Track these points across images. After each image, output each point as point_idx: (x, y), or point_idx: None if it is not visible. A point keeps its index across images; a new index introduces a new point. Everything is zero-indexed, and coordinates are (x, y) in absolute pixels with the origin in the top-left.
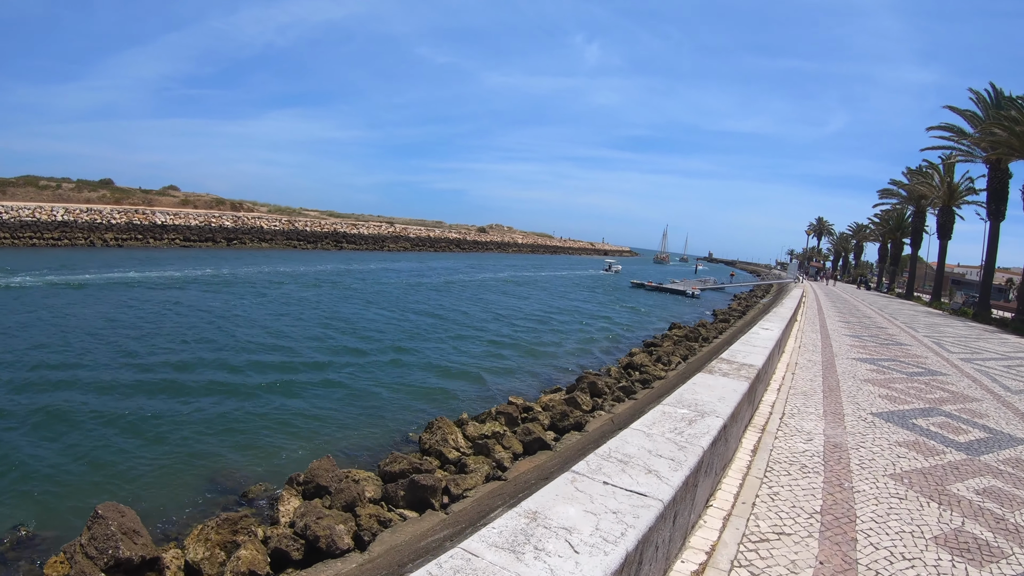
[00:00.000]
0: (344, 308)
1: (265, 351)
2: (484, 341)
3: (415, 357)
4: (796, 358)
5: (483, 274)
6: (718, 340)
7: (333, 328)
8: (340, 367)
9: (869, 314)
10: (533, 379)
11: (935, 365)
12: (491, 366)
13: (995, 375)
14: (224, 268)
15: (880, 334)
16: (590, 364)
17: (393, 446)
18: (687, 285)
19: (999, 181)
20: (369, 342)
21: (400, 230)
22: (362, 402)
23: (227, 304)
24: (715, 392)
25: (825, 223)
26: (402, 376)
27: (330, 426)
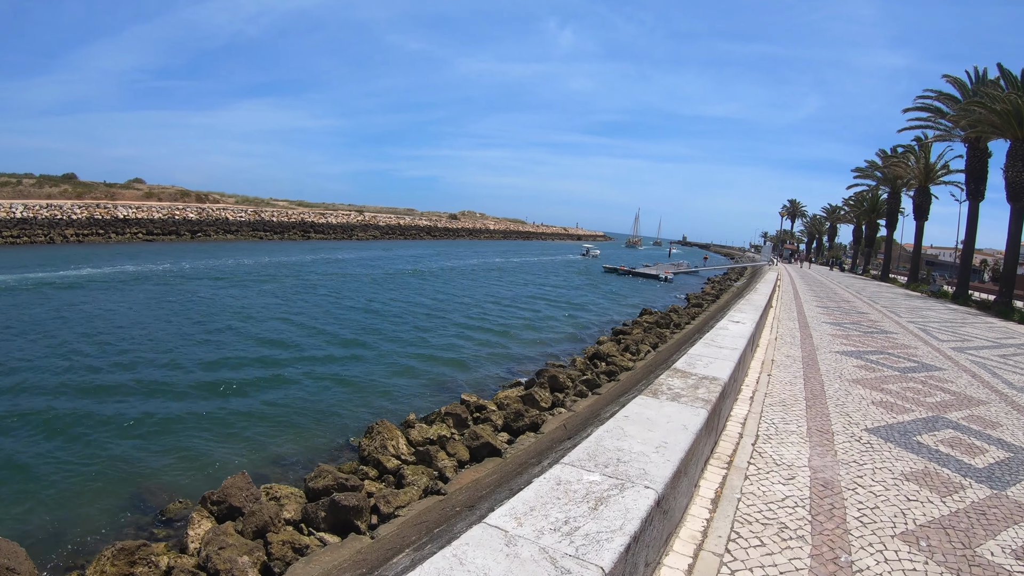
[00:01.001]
0: (301, 301)
1: (210, 348)
2: (446, 332)
3: (371, 351)
4: (772, 354)
5: (451, 261)
6: (689, 327)
7: (287, 322)
8: (290, 364)
9: (847, 297)
10: (494, 372)
11: (927, 357)
12: (450, 359)
13: (993, 368)
14: (184, 262)
15: (862, 321)
16: (557, 354)
17: (333, 453)
18: (660, 269)
19: (978, 160)
20: (323, 336)
21: (369, 218)
22: (310, 403)
23: (178, 300)
24: (656, 432)
25: (798, 205)
26: (355, 372)
27: (272, 431)
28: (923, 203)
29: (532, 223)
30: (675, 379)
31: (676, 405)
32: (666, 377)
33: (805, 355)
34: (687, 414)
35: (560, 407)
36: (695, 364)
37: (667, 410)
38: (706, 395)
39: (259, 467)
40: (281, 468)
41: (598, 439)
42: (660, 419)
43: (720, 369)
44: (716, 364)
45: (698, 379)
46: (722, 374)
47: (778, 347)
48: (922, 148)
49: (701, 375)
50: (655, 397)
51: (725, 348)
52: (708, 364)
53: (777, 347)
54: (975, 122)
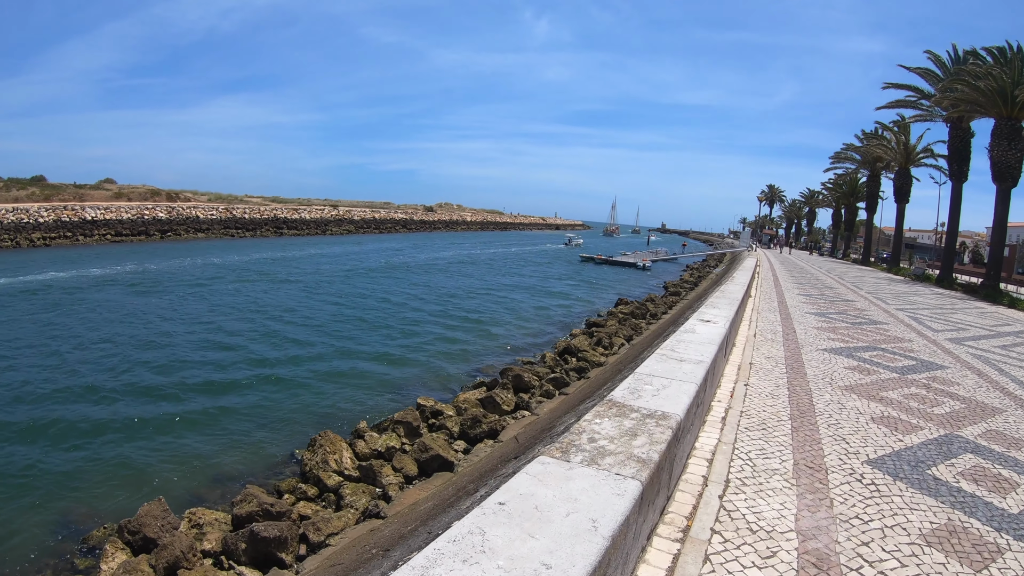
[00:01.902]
0: (264, 301)
1: (159, 353)
2: (413, 330)
3: (330, 352)
4: (751, 355)
5: (425, 255)
6: (667, 316)
7: (245, 324)
8: (242, 368)
9: (830, 283)
10: (459, 371)
11: (925, 352)
12: (414, 358)
13: (998, 363)
14: (150, 263)
15: (848, 310)
16: (528, 348)
17: (275, 468)
18: (638, 257)
19: (961, 140)
20: (281, 338)
21: (344, 213)
22: (260, 411)
23: (136, 302)
24: (541, 539)
25: (777, 190)
26: (312, 376)
27: (215, 443)
28: (904, 185)
29: (510, 214)
30: (605, 421)
31: (592, 475)
32: (592, 418)
33: (788, 355)
34: (606, 493)
35: (524, 409)
36: (641, 391)
37: (575, 485)
38: (646, 450)
39: (195, 486)
40: (217, 486)
41: (430, 562)
42: (557, 506)
43: (675, 398)
44: (671, 390)
45: (640, 418)
46: (676, 408)
47: (757, 346)
48: (902, 129)
49: (646, 410)
50: (564, 458)
51: (688, 362)
52: (659, 390)
53: (756, 346)
54: (958, 100)
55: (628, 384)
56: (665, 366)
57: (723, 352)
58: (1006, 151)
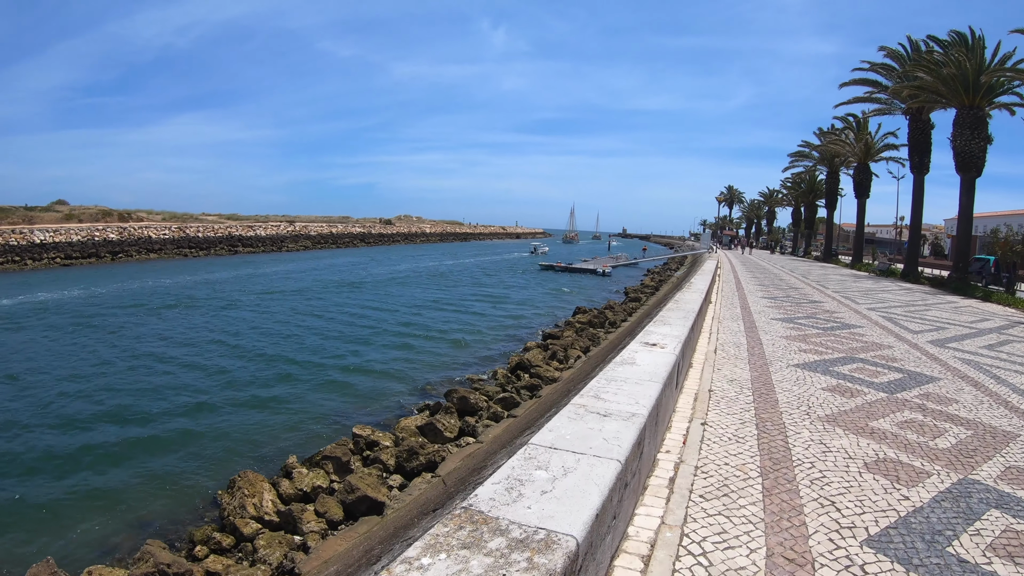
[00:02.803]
0: (208, 323)
1: (87, 382)
2: (359, 349)
3: (270, 377)
4: (710, 378)
5: (381, 268)
6: (626, 324)
7: (186, 349)
8: (175, 396)
9: (794, 283)
10: (404, 393)
11: (910, 360)
12: (357, 381)
13: (992, 369)
14: (99, 287)
15: (817, 312)
16: (480, 364)
17: (195, 512)
18: (598, 263)
19: (921, 132)
20: (220, 364)
21: (300, 228)
22: (188, 443)
23: (75, 330)
24: None
25: (735, 191)
26: (246, 405)
27: (132, 482)
28: (863, 180)
29: (469, 224)
30: (440, 560)
31: None
32: (422, 551)
33: (755, 376)
34: None
35: (469, 436)
36: (525, 483)
37: None
38: None
39: (98, 536)
40: (126, 535)
41: None
42: None
43: (576, 499)
44: (575, 480)
45: (506, 548)
46: (574, 522)
47: (718, 365)
48: (860, 125)
49: (520, 531)
50: None
51: (614, 417)
52: (556, 481)
53: (717, 365)
54: (918, 90)
55: (510, 471)
56: (577, 428)
57: (673, 384)
58: (969, 140)
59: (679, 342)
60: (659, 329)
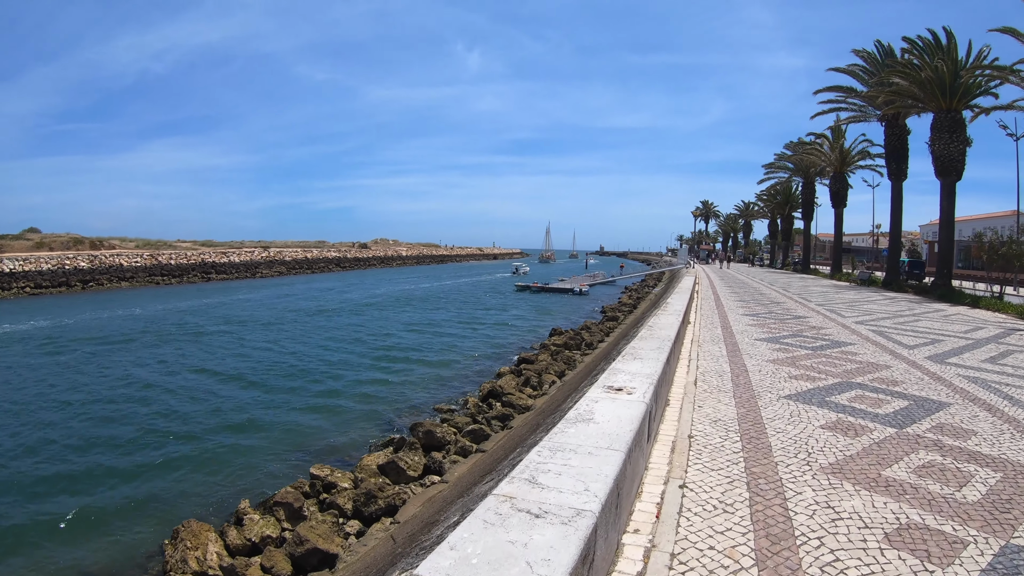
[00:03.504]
0: (173, 356)
1: (45, 415)
2: (326, 381)
3: (232, 410)
4: (689, 419)
5: (356, 293)
6: (603, 345)
7: (147, 384)
8: (132, 433)
9: (776, 298)
10: (370, 426)
11: (913, 383)
12: (322, 414)
13: (1002, 388)
14: (67, 317)
15: (803, 329)
16: (452, 391)
17: (139, 564)
18: (575, 283)
19: (898, 138)
20: (180, 399)
21: (275, 254)
22: (138, 488)
23: (36, 364)
24: None
25: (711, 206)
26: (200, 444)
27: (74, 530)
28: (840, 190)
29: (446, 246)
30: None
31: None
32: None
33: (743, 415)
34: None
35: (434, 474)
36: None
37: None
38: None
39: None
40: None
41: None
42: None
43: None
44: None
45: None
46: None
47: (699, 401)
48: (835, 134)
49: None
50: None
51: (547, 520)
52: None
53: (698, 401)
54: (894, 95)
55: None
56: (492, 543)
57: (643, 442)
58: (948, 144)
59: (651, 383)
60: (627, 366)
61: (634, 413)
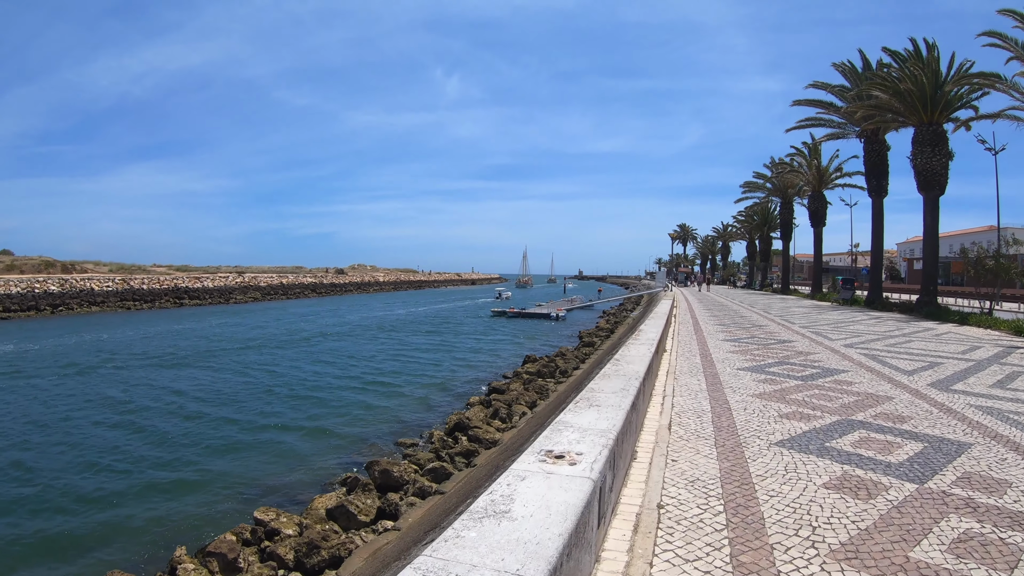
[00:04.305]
0: (132, 385)
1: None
2: (287, 410)
3: (177, 445)
4: (661, 479)
5: (329, 319)
6: (578, 372)
7: (97, 417)
8: (68, 469)
9: (757, 320)
10: (324, 463)
11: (922, 418)
12: (272, 451)
13: (1017, 417)
14: (32, 342)
15: (790, 355)
16: (416, 423)
17: None
18: (552, 307)
19: (877, 154)
20: (124, 431)
21: (250, 280)
22: (69, 529)
23: None
24: None
25: (688, 229)
26: (144, 481)
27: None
28: (819, 209)
29: (424, 271)
30: None
31: None
32: None
33: (727, 471)
34: None
35: (388, 519)
36: None
37: None
38: None
39: None
40: None
41: None
42: None
43: None
44: None
45: None
46: None
47: (673, 453)
48: (812, 152)
49: None
50: None
51: None
52: None
53: (671, 454)
54: (874, 109)
55: None
56: None
57: (585, 540)
58: (930, 158)
59: (605, 445)
60: (579, 418)
61: (574, 499)
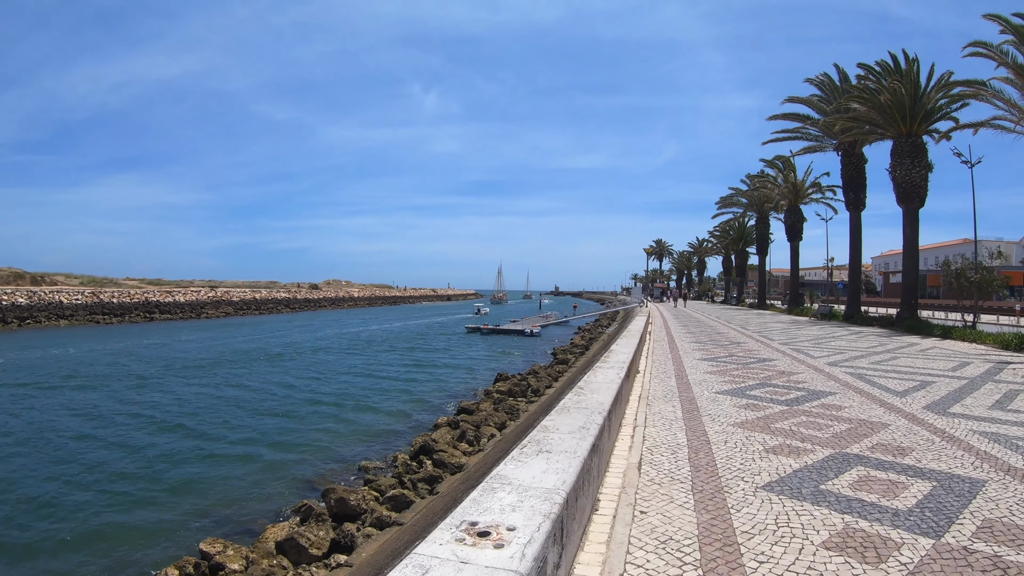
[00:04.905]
0: (78, 403)
1: None
2: (241, 433)
3: (127, 468)
4: (627, 542)
5: (300, 335)
6: (550, 391)
7: (39, 435)
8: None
9: (735, 337)
10: (280, 489)
11: (931, 453)
12: (229, 475)
13: None
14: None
15: (772, 376)
16: (379, 447)
17: None
18: (526, 324)
19: (855, 167)
20: (73, 454)
21: (222, 294)
22: None
23: None
24: None
25: (664, 244)
26: (90, 506)
27: None
28: (795, 223)
29: (399, 287)
30: None
31: None
32: None
33: (706, 528)
34: None
35: (342, 551)
36: None
37: None
38: None
39: None
40: None
41: None
42: None
43: None
44: None
45: None
46: None
47: (642, 504)
48: (788, 166)
49: None
50: None
51: None
52: None
53: (640, 505)
54: (853, 121)
55: None
56: None
57: None
58: (910, 169)
59: (548, 515)
60: (522, 470)
61: None
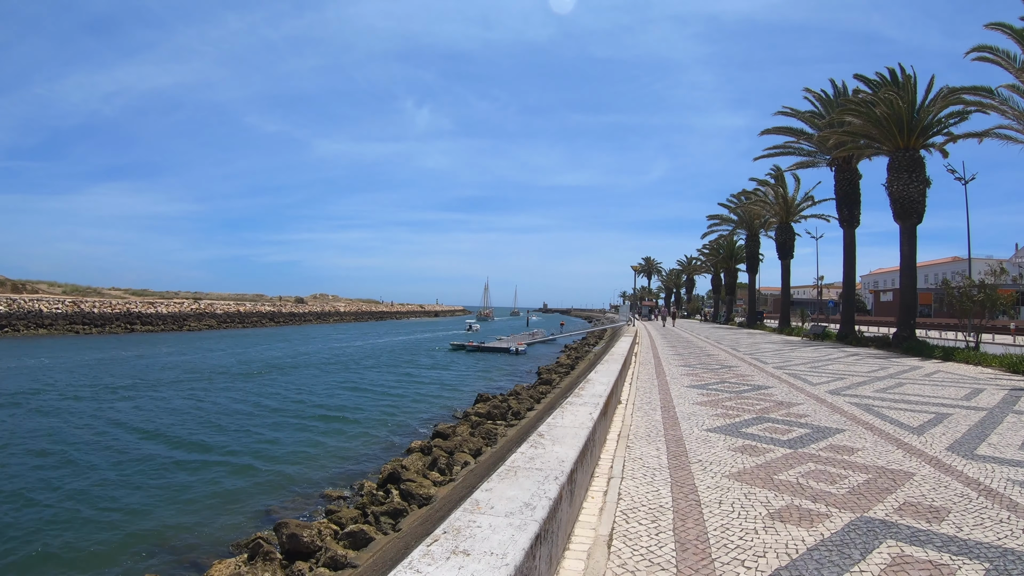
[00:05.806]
0: (40, 419)
1: None
2: (207, 453)
3: (72, 493)
4: None
5: (282, 350)
6: (532, 414)
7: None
8: None
9: (725, 359)
10: (235, 519)
11: (971, 516)
12: (183, 502)
13: None
14: None
15: (769, 407)
16: (345, 472)
17: None
18: (512, 342)
19: (849, 183)
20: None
21: (206, 307)
22: None
23: None
24: None
25: (653, 262)
26: (18, 538)
27: None
28: (786, 240)
29: (387, 302)
30: None
31: None
32: None
33: None
34: None
35: None
36: None
37: None
38: None
39: None
40: None
41: None
42: None
43: None
44: None
45: None
46: None
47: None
48: (779, 181)
49: None
50: None
51: None
52: None
53: (617, 560)
54: (848, 135)
55: None
56: None
57: None
58: (907, 184)
59: None
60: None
61: None
